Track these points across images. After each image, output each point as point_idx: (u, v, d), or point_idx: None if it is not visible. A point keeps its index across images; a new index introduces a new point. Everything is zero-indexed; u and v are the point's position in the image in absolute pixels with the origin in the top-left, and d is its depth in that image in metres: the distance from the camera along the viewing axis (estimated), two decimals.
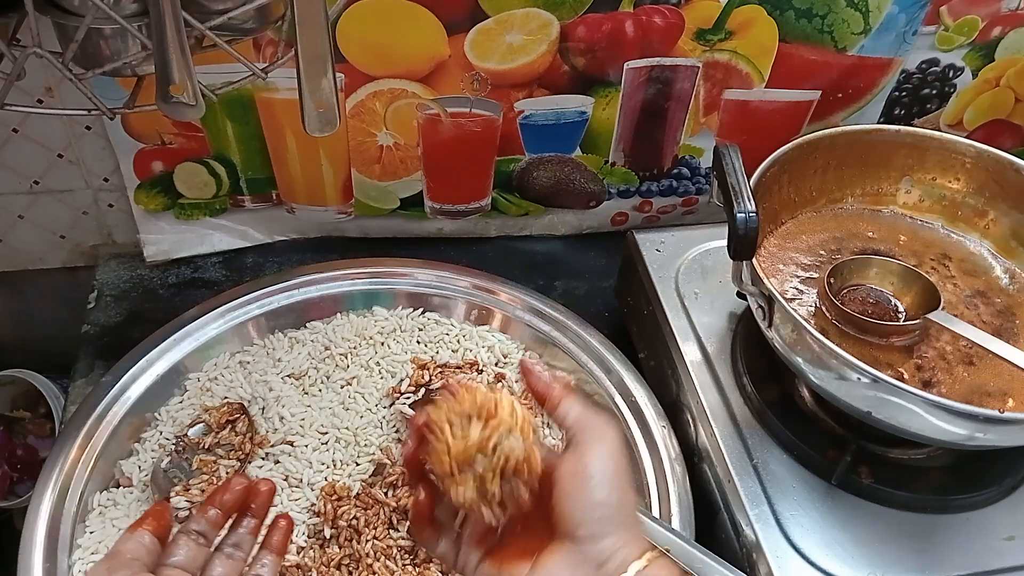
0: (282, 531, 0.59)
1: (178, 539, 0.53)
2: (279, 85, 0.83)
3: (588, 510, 0.46)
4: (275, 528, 0.59)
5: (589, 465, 0.47)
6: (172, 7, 0.47)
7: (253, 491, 0.57)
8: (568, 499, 0.47)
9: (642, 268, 0.85)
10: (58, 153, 0.88)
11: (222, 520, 0.55)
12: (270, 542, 0.58)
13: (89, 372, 0.86)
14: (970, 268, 0.79)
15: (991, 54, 0.93)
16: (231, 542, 0.56)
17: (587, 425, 0.49)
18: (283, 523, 0.59)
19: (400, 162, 0.93)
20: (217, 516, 0.55)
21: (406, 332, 0.86)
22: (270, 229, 1.00)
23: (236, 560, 0.55)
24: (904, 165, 0.82)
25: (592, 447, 0.48)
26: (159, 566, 0.51)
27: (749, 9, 0.83)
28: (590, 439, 0.48)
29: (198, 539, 0.54)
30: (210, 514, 0.55)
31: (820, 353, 0.63)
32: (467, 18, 0.81)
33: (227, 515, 0.56)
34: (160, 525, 0.52)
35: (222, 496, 0.56)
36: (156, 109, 0.52)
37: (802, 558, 0.65)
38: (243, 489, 0.56)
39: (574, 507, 0.46)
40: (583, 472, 0.47)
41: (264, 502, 0.57)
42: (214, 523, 0.55)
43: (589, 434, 0.48)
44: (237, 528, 0.56)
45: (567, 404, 0.50)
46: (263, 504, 0.57)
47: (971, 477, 0.71)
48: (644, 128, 0.94)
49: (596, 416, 0.50)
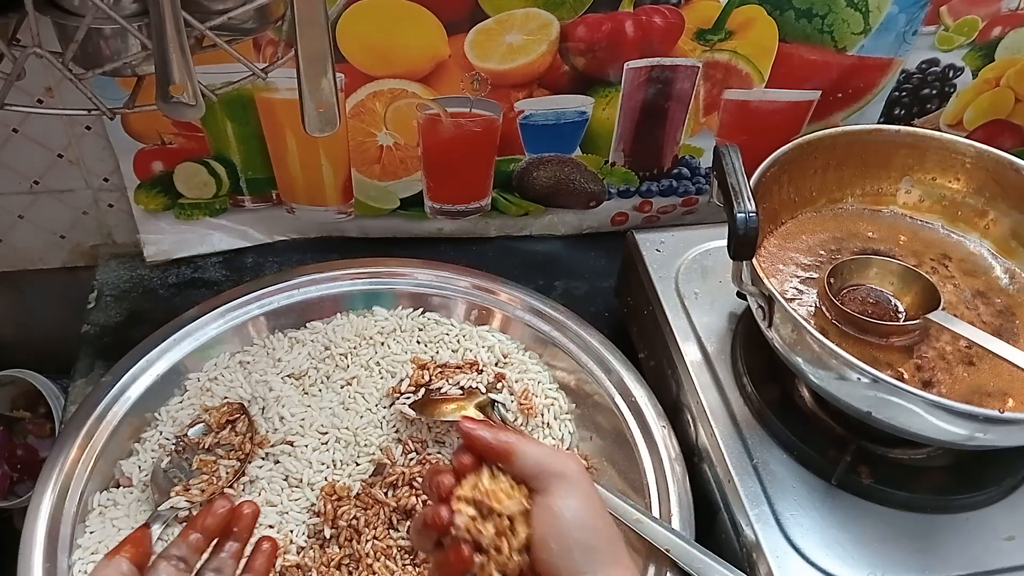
0: (265, 554, 0.58)
1: (157, 564, 0.53)
2: (279, 85, 0.83)
3: (567, 556, 0.46)
4: (258, 551, 0.58)
5: (560, 511, 0.47)
6: (172, 7, 0.47)
7: (236, 514, 0.56)
8: (545, 546, 0.47)
9: (642, 268, 0.85)
10: (58, 153, 0.88)
11: (204, 544, 0.55)
12: (253, 565, 0.57)
13: (89, 372, 0.86)
14: (970, 268, 0.79)
15: (991, 54, 0.93)
16: (212, 567, 0.55)
17: (549, 470, 0.48)
18: (266, 546, 0.59)
19: (400, 162, 0.93)
20: (198, 540, 0.54)
21: (406, 332, 0.86)
22: (270, 229, 1.00)
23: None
24: (904, 165, 0.82)
25: (559, 492, 0.48)
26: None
27: (749, 9, 0.84)
28: (556, 484, 0.48)
29: (178, 564, 0.53)
30: (191, 539, 0.54)
31: (820, 353, 0.63)
32: (467, 18, 0.81)
33: (209, 539, 0.55)
34: (138, 552, 0.52)
35: (204, 520, 0.55)
36: (156, 109, 0.52)
37: (802, 558, 0.65)
38: (226, 512, 0.56)
39: (552, 554, 0.46)
40: (556, 518, 0.47)
41: (247, 525, 0.57)
42: (195, 548, 0.54)
43: (553, 480, 0.48)
44: (219, 552, 0.56)
45: (521, 454, 0.49)
46: (246, 527, 0.57)
47: (971, 477, 0.71)
48: (644, 128, 0.94)
49: (554, 456, 0.50)
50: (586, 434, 0.80)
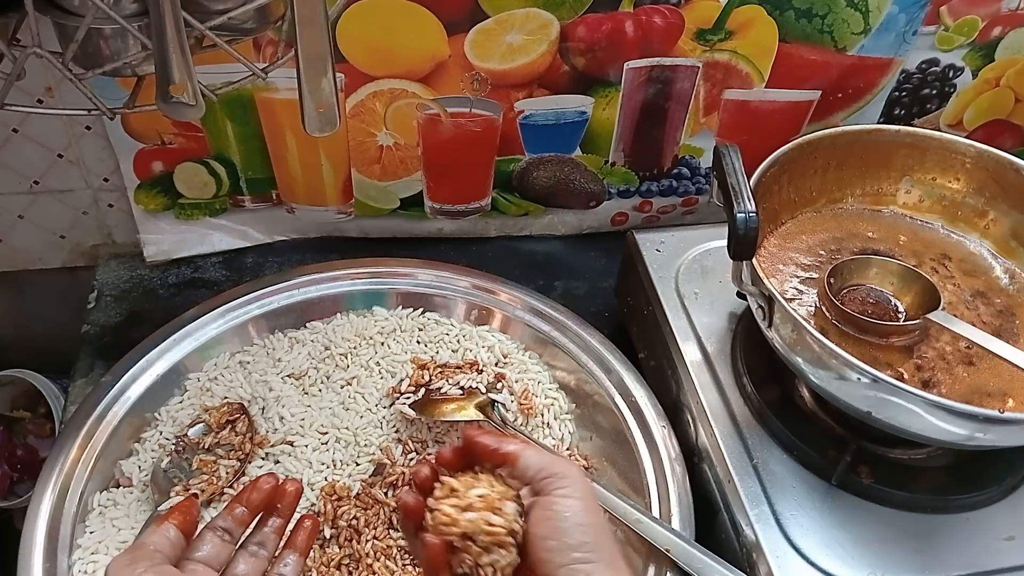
0: (307, 531, 0.59)
1: (204, 534, 0.54)
2: (279, 85, 0.83)
3: (564, 553, 0.47)
4: (300, 528, 0.59)
5: (559, 509, 0.48)
6: (172, 7, 0.47)
7: (280, 491, 0.57)
8: (543, 544, 0.47)
9: (642, 268, 0.85)
10: (58, 153, 0.88)
11: (248, 518, 0.56)
12: (294, 542, 0.58)
13: (89, 372, 0.86)
14: (970, 268, 0.79)
15: (991, 54, 0.93)
16: (256, 540, 0.56)
17: (550, 472, 0.50)
18: (308, 523, 0.59)
19: (400, 162, 0.93)
20: (244, 514, 0.55)
21: (406, 332, 0.86)
22: (270, 229, 1.00)
23: (260, 558, 0.55)
24: (904, 165, 0.82)
25: (559, 492, 0.49)
26: (183, 560, 0.51)
27: (749, 9, 0.83)
28: (556, 485, 0.49)
29: (223, 535, 0.54)
30: (236, 512, 0.55)
31: (820, 353, 0.63)
32: (467, 18, 0.81)
33: (254, 513, 0.56)
34: (186, 520, 0.53)
35: (250, 494, 0.56)
36: (156, 109, 0.52)
37: (802, 558, 0.65)
38: (271, 488, 0.57)
39: (550, 551, 0.47)
40: (554, 517, 0.48)
41: (290, 503, 0.58)
42: (240, 521, 0.55)
43: (554, 481, 0.49)
44: (262, 527, 0.57)
45: (524, 459, 0.51)
46: (289, 504, 0.58)
47: (971, 477, 0.71)
48: (644, 128, 0.94)
49: (556, 461, 0.51)
50: (586, 434, 0.80)
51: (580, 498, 0.49)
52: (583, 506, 0.49)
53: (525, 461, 0.50)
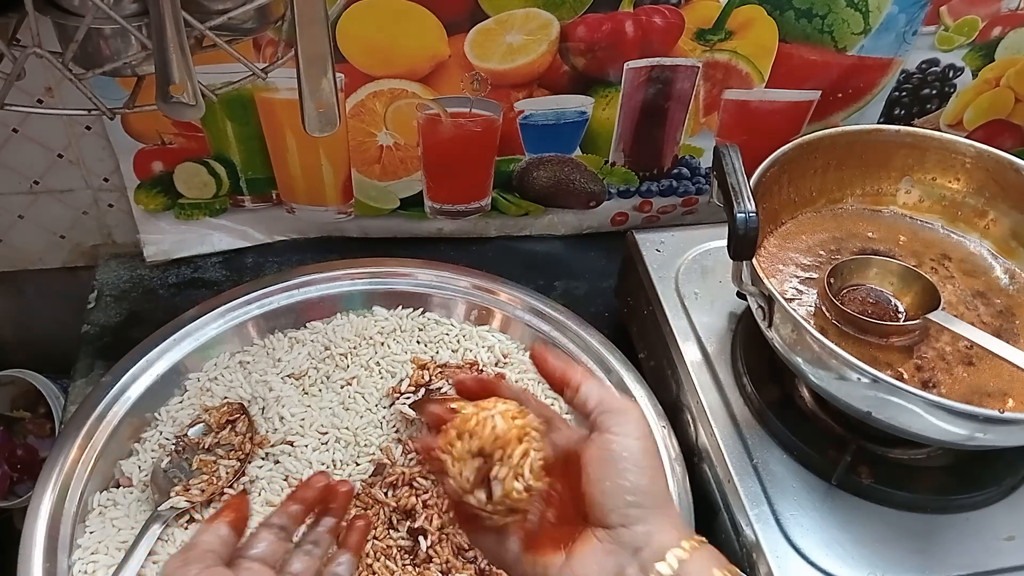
0: (359, 531, 0.59)
1: (260, 532, 0.53)
2: (279, 85, 0.83)
3: (618, 495, 0.45)
4: (352, 528, 0.59)
5: (616, 449, 0.45)
6: (172, 7, 0.47)
7: (333, 491, 0.57)
8: (597, 485, 0.45)
9: (642, 268, 0.85)
10: (58, 153, 0.88)
11: (302, 516, 0.56)
12: (348, 541, 0.58)
13: (89, 372, 0.86)
14: (970, 268, 0.79)
15: (991, 54, 0.93)
16: (310, 539, 0.56)
17: (609, 408, 0.47)
18: (360, 523, 0.59)
19: (400, 162, 0.93)
20: (298, 512, 0.55)
21: (406, 332, 0.86)
22: (270, 229, 1.00)
23: (314, 557, 0.55)
24: (904, 165, 0.82)
25: (617, 430, 0.46)
26: (238, 558, 0.51)
27: (749, 9, 0.84)
28: (614, 422, 0.47)
29: (279, 533, 0.54)
30: (291, 509, 0.55)
31: (820, 353, 0.63)
32: (467, 18, 0.81)
33: (307, 511, 0.56)
34: (238, 517, 0.52)
35: (303, 492, 0.56)
36: (156, 109, 0.51)
37: (802, 558, 0.65)
38: (324, 487, 0.57)
39: (604, 493, 0.45)
40: (610, 456, 0.45)
41: (343, 503, 0.58)
42: (295, 518, 0.55)
43: (613, 417, 0.47)
44: (316, 526, 0.57)
45: (586, 389, 0.49)
46: (342, 505, 0.58)
47: (971, 477, 0.71)
48: (644, 128, 0.94)
49: (617, 398, 0.49)
50: None
51: (639, 438, 0.46)
52: (641, 447, 0.46)
53: (587, 390, 0.48)
